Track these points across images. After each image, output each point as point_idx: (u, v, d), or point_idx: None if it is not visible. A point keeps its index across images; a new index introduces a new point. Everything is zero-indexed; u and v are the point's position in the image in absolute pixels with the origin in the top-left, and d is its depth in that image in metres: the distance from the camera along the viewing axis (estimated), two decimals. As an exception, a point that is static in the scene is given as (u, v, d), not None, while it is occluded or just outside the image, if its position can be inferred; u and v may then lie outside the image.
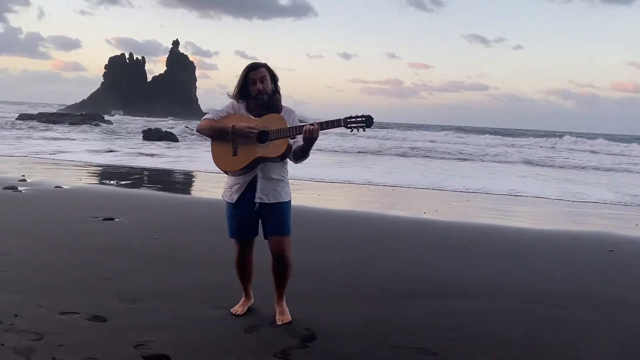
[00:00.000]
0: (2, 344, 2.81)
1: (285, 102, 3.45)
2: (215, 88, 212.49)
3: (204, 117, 3.40)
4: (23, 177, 10.87)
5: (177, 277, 4.40)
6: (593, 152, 32.60)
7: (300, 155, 3.30)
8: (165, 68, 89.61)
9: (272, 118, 3.26)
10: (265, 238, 3.41)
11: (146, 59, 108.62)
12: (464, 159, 24.05)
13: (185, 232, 6.29)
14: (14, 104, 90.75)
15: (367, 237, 6.63)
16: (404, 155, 25.14)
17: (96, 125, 37.32)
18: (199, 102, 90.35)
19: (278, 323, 3.40)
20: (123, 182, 11.74)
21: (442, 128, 76.29)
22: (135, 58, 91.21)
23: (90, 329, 3.16)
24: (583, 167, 22.51)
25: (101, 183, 11.81)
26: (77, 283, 4.06)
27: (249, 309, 3.62)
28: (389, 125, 79.20)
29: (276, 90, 3.39)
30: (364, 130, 3.16)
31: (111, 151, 20.52)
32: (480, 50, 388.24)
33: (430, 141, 35.98)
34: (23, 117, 39.88)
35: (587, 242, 7.02)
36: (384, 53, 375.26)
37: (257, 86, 3.28)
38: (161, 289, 4.04)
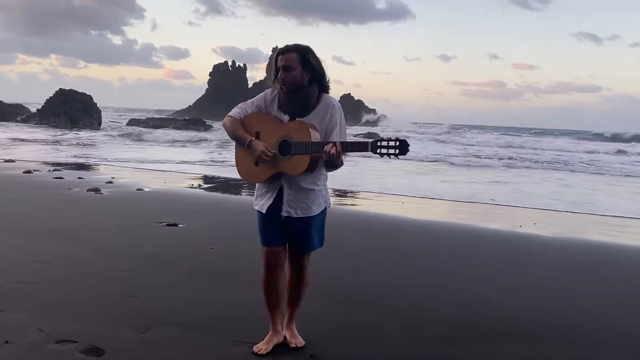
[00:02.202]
0: (-35, 383, 2.38)
1: (382, 106, 2.84)
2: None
3: (230, 113, 2.95)
4: (111, 180, 11.11)
5: (211, 297, 3.87)
6: None
7: (328, 165, 2.82)
8: (265, 75, 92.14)
9: (297, 127, 2.77)
10: (289, 245, 3.01)
11: (248, 66, 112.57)
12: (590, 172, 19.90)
13: (245, 240, 5.78)
14: (129, 110, 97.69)
15: (446, 251, 5.73)
16: (511, 166, 21.06)
17: (197, 130, 38.86)
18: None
19: (291, 346, 3.00)
20: (205, 186, 11.63)
21: (549, 132, 71.41)
22: (237, 65, 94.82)
23: (78, 366, 2.66)
24: None
25: (185, 187, 11.77)
26: (97, 302, 3.64)
27: (274, 347, 2.97)
28: (492, 128, 75.53)
29: (313, 81, 2.81)
30: (397, 158, 2.56)
31: (205, 159, 20.96)
32: (592, 49, 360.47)
33: (539, 149, 31.90)
34: (132, 122, 42.59)
35: None
36: (485, 54, 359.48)
37: (280, 75, 2.79)
38: (186, 313, 3.51)
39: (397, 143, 2.55)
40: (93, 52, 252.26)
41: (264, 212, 2.90)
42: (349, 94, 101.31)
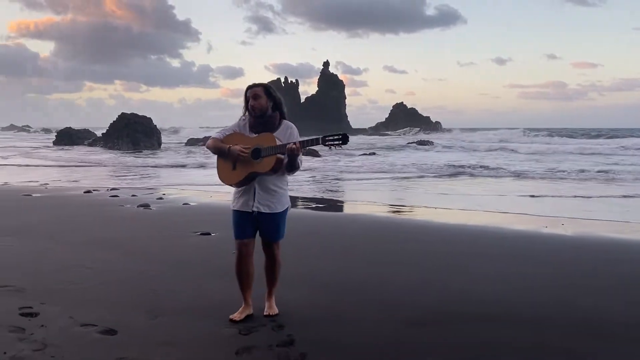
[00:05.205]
0: (5, 353, 3.03)
1: (437, 112, 3.45)
2: (366, 104, 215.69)
3: (212, 136, 3.82)
4: (162, 196, 11.99)
5: (220, 293, 4.42)
6: None
7: (289, 168, 3.66)
8: (317, 89, 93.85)
9: (265, 137, 3.63)
10: (261, 236, 3.82)
11: (300, 81, 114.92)
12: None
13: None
14: (190, 130, 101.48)
15: (450, 252, 6.05)
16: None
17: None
18: (348, 119, 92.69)
19: (265, 314, 3.76)
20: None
21: (620, 132, 68.14)
22: (289, 81, 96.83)
23: (94, 342, 3.30)
24: None
25: (229, 200, 12.45)
26: (122, 296, 4.29)
27: (254, 327, 3.61)
28: (556, 131, 72.83)
29: (276, 108, 3.73)
30: (340, 147, 3.44)
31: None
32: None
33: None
34: (191, 141, 44.50)
35: None
36: (542, 55, 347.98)
37: (250, 103, 3.68)
38: (195, 304, 4.10)
39: (340, 136, 3.43)
40: (154, 76, 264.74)
41: (239, 209, 3.74)
42: (402, 102, 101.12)
